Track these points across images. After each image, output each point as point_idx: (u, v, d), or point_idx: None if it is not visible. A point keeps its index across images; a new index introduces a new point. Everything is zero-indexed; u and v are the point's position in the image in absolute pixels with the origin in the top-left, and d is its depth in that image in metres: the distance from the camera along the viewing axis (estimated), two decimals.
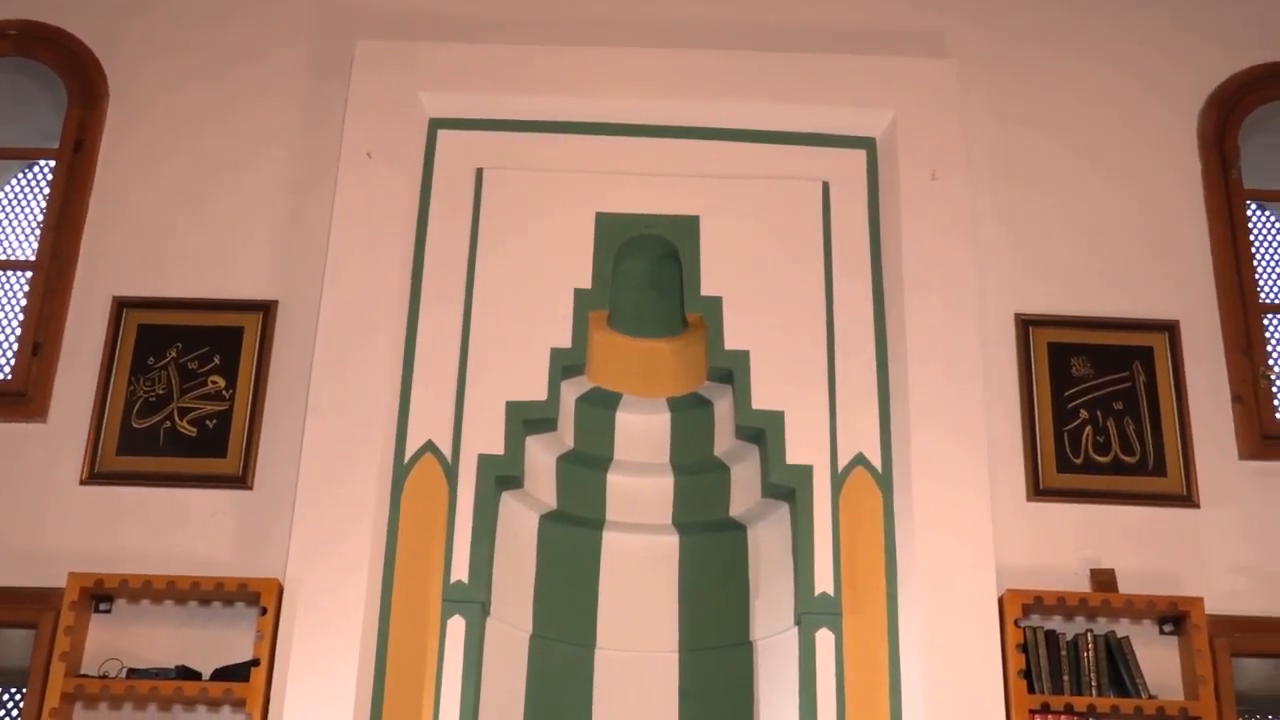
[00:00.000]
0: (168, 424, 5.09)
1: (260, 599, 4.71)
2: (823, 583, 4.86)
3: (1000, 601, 4.77)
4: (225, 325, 5.21)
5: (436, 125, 5.47)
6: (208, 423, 5.09)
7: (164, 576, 4.73)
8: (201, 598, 4.81)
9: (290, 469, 4.95)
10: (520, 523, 5.14)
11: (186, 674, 4.66)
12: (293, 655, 4.63)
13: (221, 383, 5.13)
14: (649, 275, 5.41)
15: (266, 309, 5.23)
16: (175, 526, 4.95)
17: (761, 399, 5.10)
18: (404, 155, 5.36)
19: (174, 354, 5.18)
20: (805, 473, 5.01)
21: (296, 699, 4.57)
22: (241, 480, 5.00)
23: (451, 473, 4.99)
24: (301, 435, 4.95)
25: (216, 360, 5.16)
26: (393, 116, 5.39)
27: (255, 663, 4.63)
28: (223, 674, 4.66)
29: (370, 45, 5.49)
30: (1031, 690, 4.67)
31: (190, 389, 5.13)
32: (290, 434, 5.03)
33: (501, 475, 5.01)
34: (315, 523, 4.82)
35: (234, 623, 4.81)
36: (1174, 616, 4.82)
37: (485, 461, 5.00)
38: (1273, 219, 5.95)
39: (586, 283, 5.25)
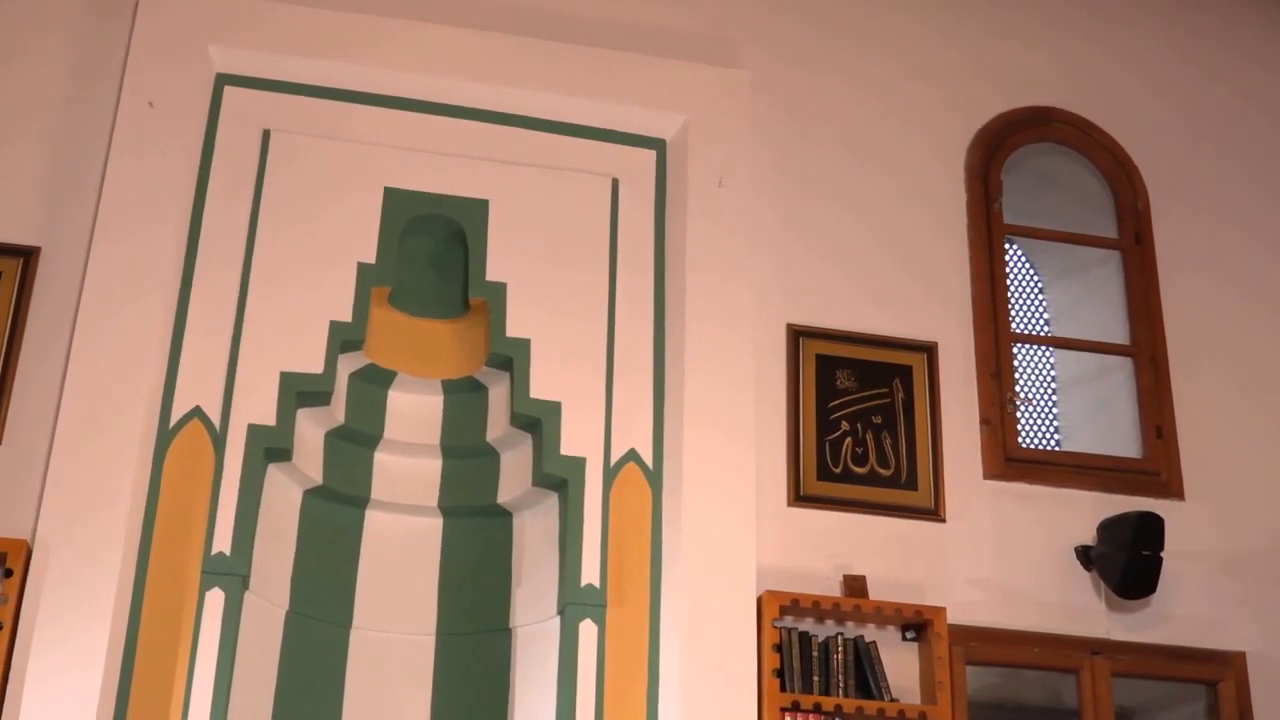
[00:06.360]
0: None
1: (5, 560, 4.46)
2: (589, 574, 4.92)
3: (759, 602, 4.92)
4: None
5: (224, 81, 5.29)
6: None
7: None
8: None
9: (44, 425, 4.72)
10: (283, 496, 5.03)
11: None
12: (38, 621, 4.42)
13: None
14: (434, 255, 5.36)
15: (28, 256, 4.95)
16: None
17: (540, 389, 5.12)
18: (187, 108, 5.16)
19: None
20: (578, 465, 5.05)
21: (40, 666, 4.37)
22: None
23: (219, 441, 4.84)
24: (60, 391, 4.72)
25: None
26: (177, 66, 5.18)
27: None
28: None
29: None
30: (784, 689, 4.84)
31: None
32: (46, 389, 4.78)
33: (271, 447, 4.89)
34: (70, 483, 4.61)
35: None
36: (917, 624, 5.07)
37: (255, 432, 4.87)
38: (1022, 255, 6.31)
39: (370, 257, 5.17)
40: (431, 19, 5.44)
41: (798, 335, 5.45)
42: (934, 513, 5.31)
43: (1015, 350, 5.77)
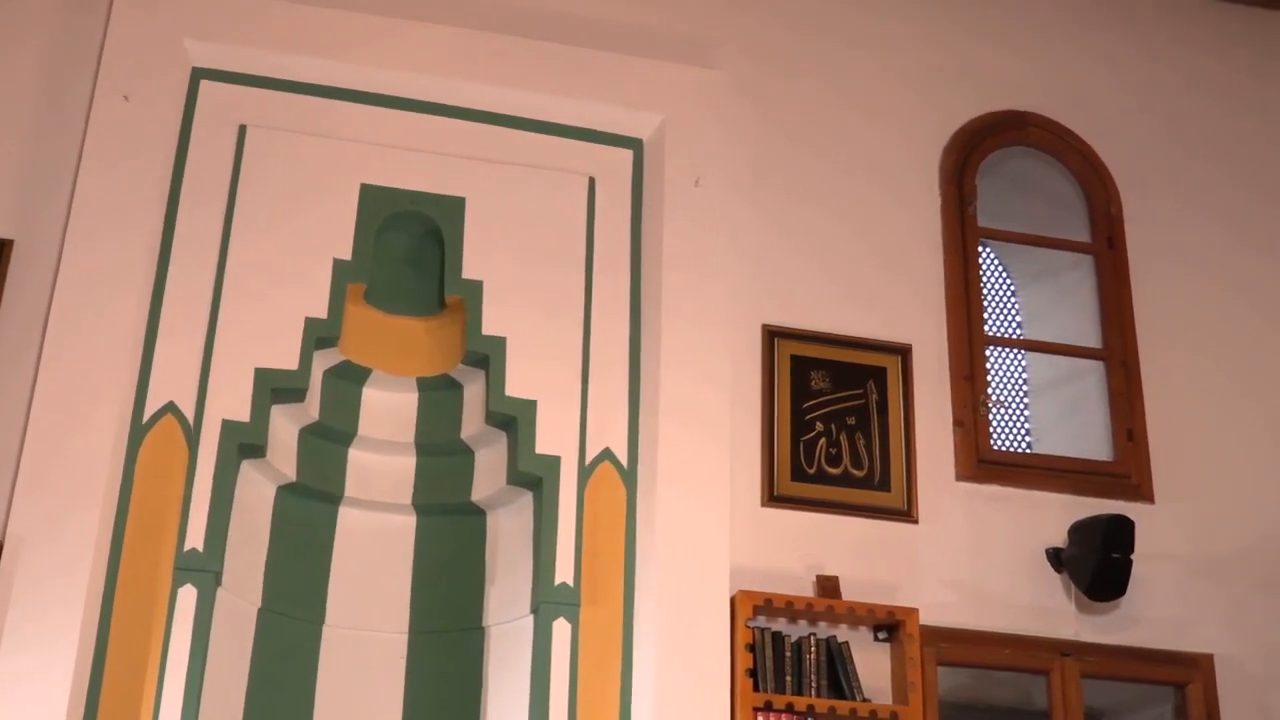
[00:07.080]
0: None
1: None
2: (563, 573, 4.92)
3: (732, 602, 4.93)
4: None
5: (200, 75, 5.26)
6: None
7: None
8: None
9: (16, 420, 4.69)
10: (256, 493, 5.01)
11: None
12: (8, 618, 4.39)
13: None
14: (410, 252, 5.35)
15: (0, 247, 4.91)
16: None
17: (515, 387, 5.11)
18: (163, 102, 5.13)
19: None
20: (553, 463, 5.05)
21: (9, 664, 4.35)
22: None
23: (193, 437, 4.82)
24: (32, 385, 4.69)
25: None
26: (153, 60, 5.15)
27: None
28: None
29: None
30: (757, 689, 4.85)
31: None
32: (18, 382, 4.75)
33: (245, 443, 4.87)
34: (41, 478, 4.58)
35: None
36: (889, 625, 5.09)
37: (229, 428, 4.85)
38: (996, 258, 6.34)
39: (347, 254, 5.16)
40: (409, 16, 5.42)
41: (773, 336, 5.46)
42: (907, 514, 5.33)
43: (988, 353, 5.80)
